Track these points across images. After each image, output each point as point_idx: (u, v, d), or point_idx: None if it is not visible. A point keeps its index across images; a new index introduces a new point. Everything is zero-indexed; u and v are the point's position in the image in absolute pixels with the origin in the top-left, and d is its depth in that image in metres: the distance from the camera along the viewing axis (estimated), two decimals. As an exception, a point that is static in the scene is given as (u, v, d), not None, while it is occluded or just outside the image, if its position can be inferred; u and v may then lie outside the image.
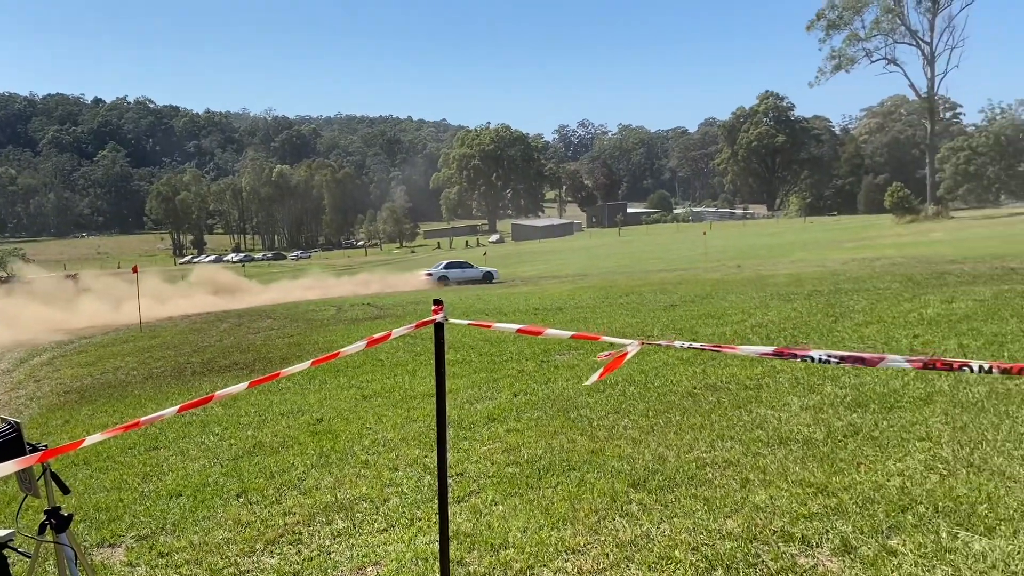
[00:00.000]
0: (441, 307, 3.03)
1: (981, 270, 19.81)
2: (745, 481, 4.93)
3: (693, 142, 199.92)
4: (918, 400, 6.47)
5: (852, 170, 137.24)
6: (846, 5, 78.31)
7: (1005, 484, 4.42)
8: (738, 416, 6.57)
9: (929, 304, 12.60)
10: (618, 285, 27.47)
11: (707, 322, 13.42)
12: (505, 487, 5.35)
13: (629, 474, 5.29)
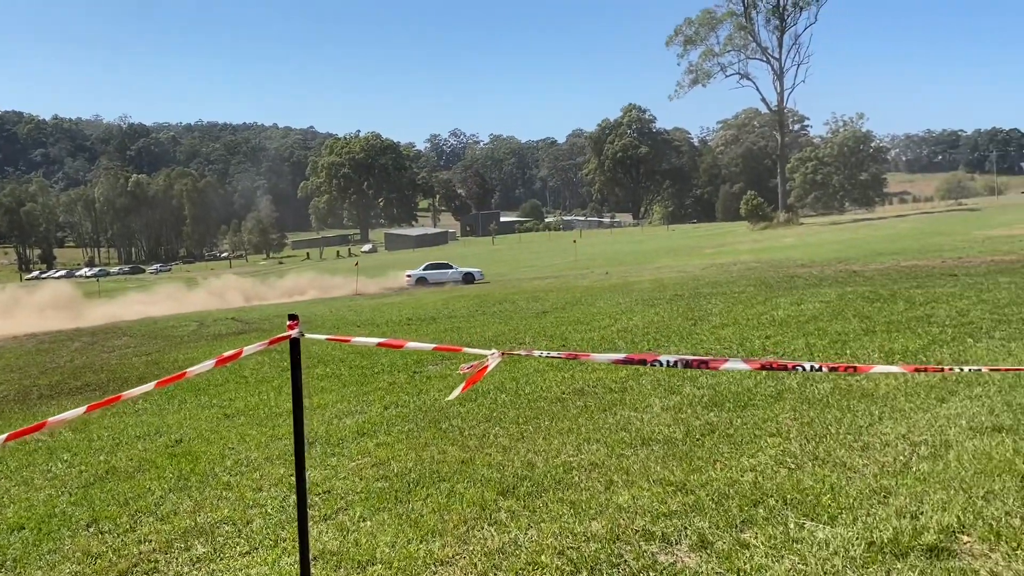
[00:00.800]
0: (296, 322, 2.96)
1: (827, 273, 21.18)
2: (610, 483, 5.05)
3: (562, 152, 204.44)
4: (769, 398, 6.84)
5: (710, 180, 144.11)
6: (702, 22, 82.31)
7: (846, 475, 4.73)
8: (604, 419, 6.74)
9: (780, 306, 13.35)
10: (491, 293, 27.67)
11: (577, 328, 13.72)
12: (374, 502, 5.26)
13: (499, 482, 5.32)
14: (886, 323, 10.40)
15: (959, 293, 12.72)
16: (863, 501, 4.28)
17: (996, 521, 3.83)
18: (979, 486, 4.28)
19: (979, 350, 8.13)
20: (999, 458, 4.67)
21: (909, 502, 4.18)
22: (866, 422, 5.79)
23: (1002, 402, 5.88)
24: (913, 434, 5.35)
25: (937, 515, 3.96)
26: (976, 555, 3.55)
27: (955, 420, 5.57)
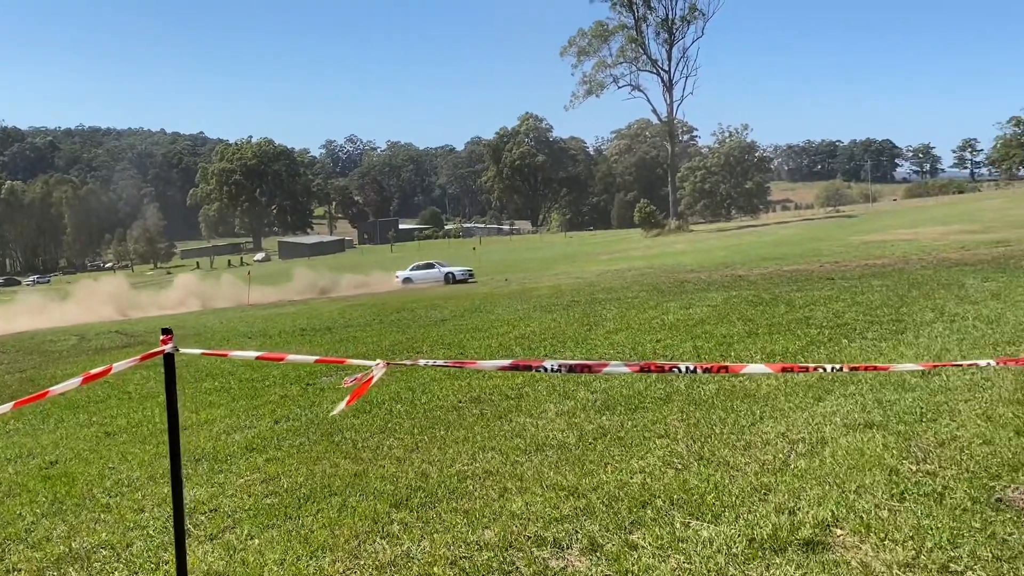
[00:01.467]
0: (170, 337, 2.84)
1: (715, 278, 21.94)
2: (504, 490, 5.07)
3: (461, 160, 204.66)
4: (659, 400, 7.02)
5: (606, 188, 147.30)
6: (594, 34, 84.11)
7: (730, 473, 4.89)
8: (499, 426, 6.76)
9: (670, 311, 13.74)
10: (389, 302, 27.39)
11: (475, 335, 13.73)
12: (263, 519, 5.10)
13: (392, 494, 5.26)
14: (768, 325, 10.84)
15: (836, 296, 13.39)
16: (745, 499, 4.43)
17: (867, 514, 4.04)
18: (852, 480, 4.51)
19: (853, 350, 8.58)
20: (870, 453, 4.93)
21: (787, 498, 4.35)
22: (748, 421, 6.01)
23: (873, 400, 6.21)
24: (792, 432, 5.59)
25: (813, 510, 4.14)
26: (848, 547, 3.73)
27: (830, 418, 5.85)
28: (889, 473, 4.56)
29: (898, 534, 3.76)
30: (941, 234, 33.73)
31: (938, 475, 4.45)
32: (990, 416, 5.44)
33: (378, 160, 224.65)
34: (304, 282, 43.39)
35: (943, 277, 15.11)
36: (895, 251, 26.45)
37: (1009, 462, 4.53)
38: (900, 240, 32.62)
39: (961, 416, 5.52)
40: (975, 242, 26.51)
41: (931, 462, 4.67)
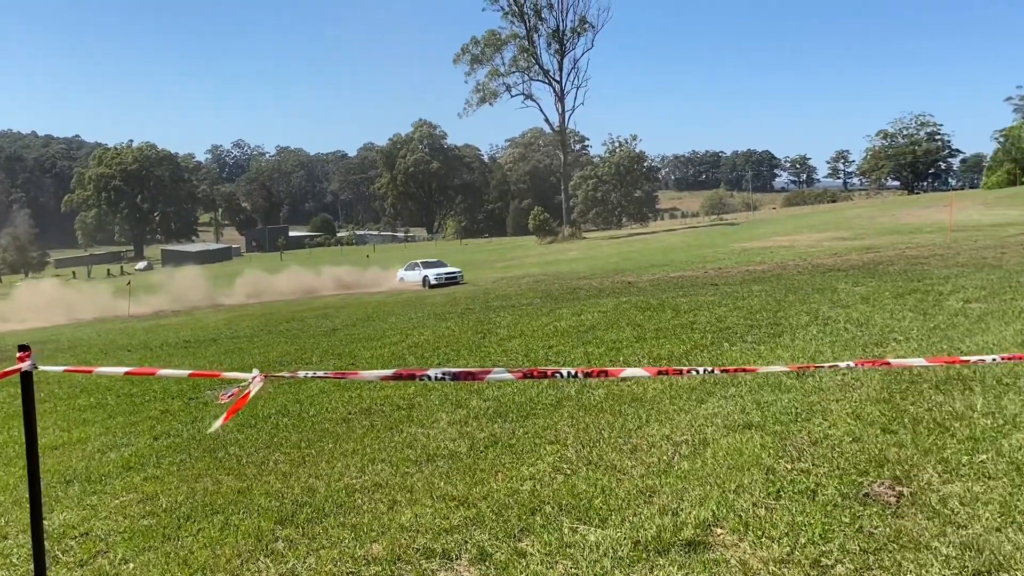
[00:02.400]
0: (28, 354, 2.66)
1: (606, 284, 22.39)
2: (393, 502, 4.99)
3: (353, 166, 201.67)
4: (549, 406, 7.08)
5: (500, 195, 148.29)
6: (487, 42, 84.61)
7: (616, 477, 4.98)
8: (390, 437, 6.67)
9: (563, 317, 13.92)
10: (279, 311, 26.69)
11: (367, 345, 13.53)
12: (139, 542, 4.86)
13: (277, 510, 5.10)
14: (655, 330, 11.13)
15: (718, 301, 13.88)
16: (631, 502, 4.52)
17: (745, 512, 4.18)
18: (731, 480, 4.66)
19: (734, 353, 8.90)
20: (749, 453, 5.12)
21: (671, 499, 4.46)
22: (635, 425, 6.14)
23: (752, 401, 6.45)
24: (676, 434, 5.74)
25: (695, 510, 4.25)
26: (728, 546, 3.85)
27: (712, 419, 6.04)
28: (766, 472, 4.74)
29: (774, 531, 3.91)
30: (816, 241, 35.50)
31: (811, 473, 4.66)
32: (859, 415, 5.73)
33: (267, 165, 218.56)
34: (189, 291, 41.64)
35: (817, 282, 15.90)
36: (774, 257, 27.66)
37: (876, 458, 4.78)
38: (778, 247, 34.15)
39: (833, 415, 5.80)
40: (846, 248, 28.03)
41: (805, 460, 4.89)
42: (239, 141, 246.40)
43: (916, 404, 5.82)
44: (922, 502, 4.07)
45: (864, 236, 34.41)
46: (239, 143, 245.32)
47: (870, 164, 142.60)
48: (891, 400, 6.00)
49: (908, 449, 4.86)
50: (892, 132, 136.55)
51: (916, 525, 3.82)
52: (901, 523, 3.86)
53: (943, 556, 3.49)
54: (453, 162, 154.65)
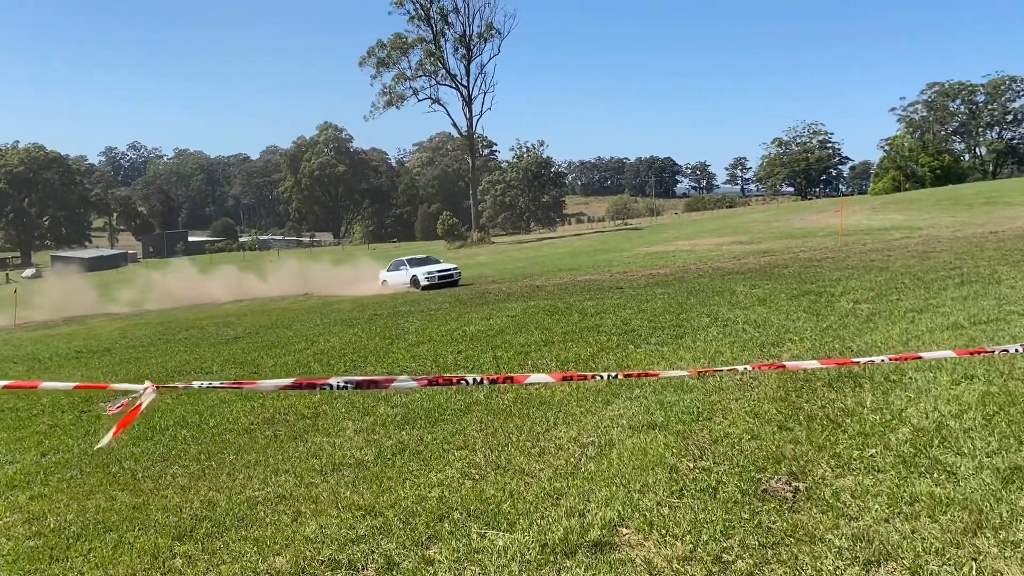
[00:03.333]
0: None
1: (514, 288, 22.50)
2: (297, 514, 4.87)
3: (256, 169, 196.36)
4: (458, 411, 7.05)
5: (409, 200, 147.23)
6: (393, 46, 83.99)
7: (525, 480, 4.99)
8: (294, 447, 6.52)
9: (472, 321, 13.91)
10: (178, 319, 25.76)
11: (271, 353, 13.19)
12: (24, 564, 4.59)
13: (175, 526, 4.90)
14: (563, 334, 11.25)
15: (624, 304, 14.14)
16: (538, 505, 4.53)
17: (649, 511, 4.26)
18: (637, 480, 4.74)
19: (638, 355, 9.07)
20: (653, 453, 5.21)
21: (578, 501, 4.50)
22: (543, 428, 6.18)
23: (656, 401, 6.58)
24: (583, 436, 5.80)
25: (601, 511, 4.30)
26: (633, 545, 3.91)
27: (618, 420, 6.13)
28: (670, 471, 4.83)
29: (677, 529, 3.99)
30: (716, 245, 36.63)
31: (713, 471, 4.78)
32: (757, 413, 5.92)
33: (165, 169, 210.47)
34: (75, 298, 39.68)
35: (717, 285, 16.39)
36: (676, 261, 28.39)
37: (773, 455, 4.94)
38: (680, 251, 35.07)
39: (732, 414, 5.97)
40: (745, 252, 29.01)
41: (707, 459, 5.01)
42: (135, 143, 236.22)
43: (810, 402, 6.06)
44: (816, 496, 4.23)
45: (761, 240, 35.69)
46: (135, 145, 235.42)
47: (766, 171, 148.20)
48: (787, 398, 6.22)
49: (803, 445, 5.05)
50: (786, 140, 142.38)
51: (811, 519, 3.97)
52: (797, 517, 4.00)
53: (836, 548, 3.63)
54: (360, 166, 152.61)
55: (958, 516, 3.80)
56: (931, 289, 11.86)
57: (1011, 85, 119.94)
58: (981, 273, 13.16)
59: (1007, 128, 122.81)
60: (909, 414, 5.44)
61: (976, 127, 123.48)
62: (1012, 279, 11.94)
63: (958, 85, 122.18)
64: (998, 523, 3.69)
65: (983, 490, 4.06)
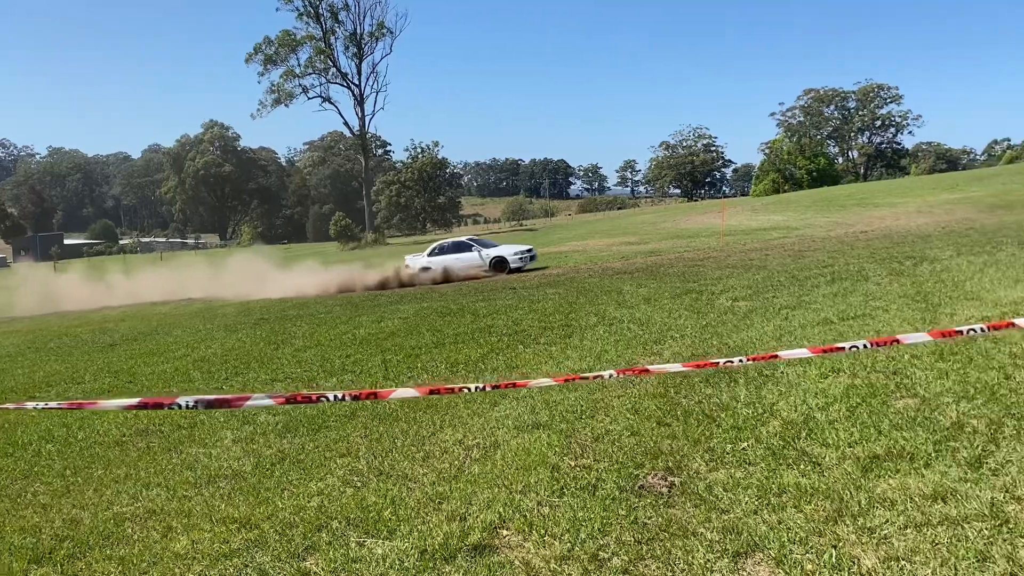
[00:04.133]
0: None
1: (407, 290, 22.31)
2: (168, 529, 4.65)
3: (137, 169, 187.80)
4: (343, 417, 6.91)
5: (300, 200, 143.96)
6: (281, 43, 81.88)
7: (407, 486, 4.93)
8: (168, 459, 6.23)
9: (362, 325, 13.70)
10: (49, 327, 24.28)
11: (149, 360, 12.60)
12: None
13: (33, 548, 4.60)
14: (454, 335, 11.21)
15: (515, 305, 14.23)
16: (420, 510, 4.48)
17: (530, 512, 4.27)
18: (518, 481, 4.75)
19: (527, 355, 9.13)
20: (536, 453, 5.24)
21: (460, 505, 4.48)
22: (429, 431, 6.12)
23: (542, 401, 6.63)
24: (468, 438, 5.79)
25: (483, 514, 4.29)
26: (513, 547, 3.91)
27: (503, 421, 6.14)
28: (552, 470, 4.87)
29: (556, 529, 4.02)
30: (607, 245, 37.34)
31: (593, 468, 4.84)
32: (638, 409, 6.05)
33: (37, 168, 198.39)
34: None
35: (606, 284, 16.71)
36: (568, 261, 28.76)
37: (651, 450, 5.05)
38: (573, 251, 35.56)
39: (614, 411, 6.08)
40: (633, 252, 29.68)
41: (588, 457, 5.08)
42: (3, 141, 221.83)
43: (688, 397, 6.24)
44: (691, 490, 4.35)
45: (649, 240, 36.60)
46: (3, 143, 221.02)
47: (654, 173, 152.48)
48: (666, 394, 6.38)
49: (680, 440, 5.19)
50: (673, 143, 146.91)
51: (685, 513, 4.07)
52: (672, 512, 4.09)
53: (707, 541, 3.74)
54: (248, 165, 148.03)
55: (821, 505, 3.98)
56: (804, 286, 12.45)
57: (879, 92, 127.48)
58: (850, 271, 13.90)
59: (876, 133, 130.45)
60: (780, 407, 5.68)
61: (848, 132, 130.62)
62: (878, 276, 12.66)
63: (832, 92, 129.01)
64: (857, 510, 3.88)
65: (845, 479, 4.26)
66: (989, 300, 9.19)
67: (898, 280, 11.84)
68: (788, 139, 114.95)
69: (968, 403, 5.30)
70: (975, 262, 12.74)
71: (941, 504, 3.84)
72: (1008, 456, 4.34)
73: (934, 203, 35.65)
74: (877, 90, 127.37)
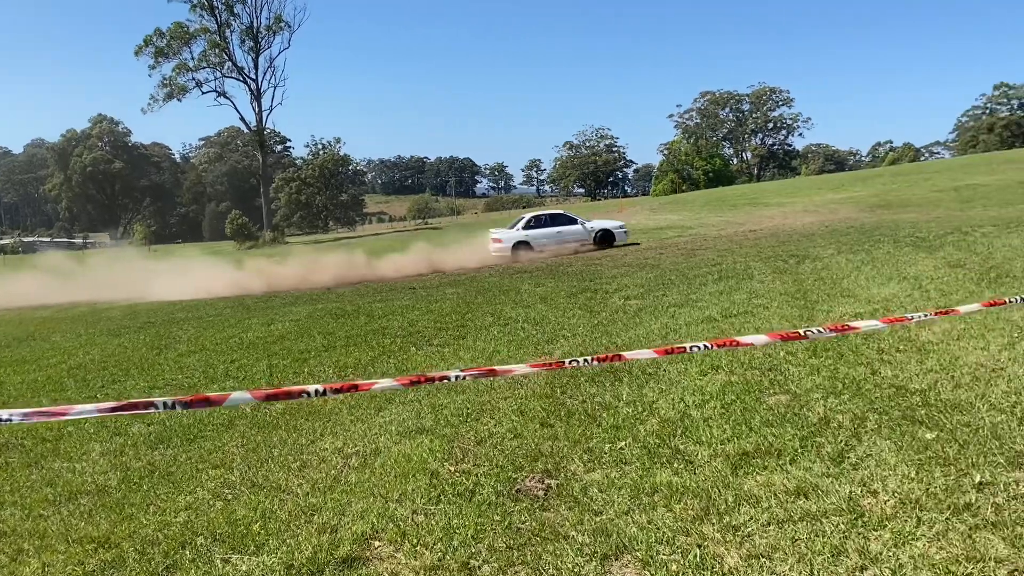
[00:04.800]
0: None
1: (303, 290, 21.80)
2: (18, 552, 4.36)
3: (19, 165, 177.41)
4: (220, 426, 6.65)
5: (195, 198, 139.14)
6: (174, 35, 78.82)
7: (280, 498, 4.76)
8: (26, 476, 5.85)
9: (251, 328, 13.28)
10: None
11: (19, 368, 11.86)
12: None
13: None
14: (346, 338, 10.99)
15: (412, 305, 14.08)
16: (291, 523, 4.34)
17: (404, 521, 4.19)
18: (396, 489, 4.66)
19: (419, 357, 9.02)
20: (417, 459, 5.16)
21: (332, 516, 4.35)
22: (309, 440, 5.95)
23: (428, 405, 6.55)
24: (348, 446, 5.65)
25: (355, 525, 4.18)
26: (384, 558, 3.82)
27: (387, 427, 6.03)
28: (431, 477, 4.80)
29: (429, 537, 3.95)
30: (510, 244, 37.47)
31: (472, 473, 4.79)
32: (523, 411, 6.04)
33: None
34: None
35: (505, 284, 16.74)
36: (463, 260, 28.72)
37: (532, 452, 5.05)
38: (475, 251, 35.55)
39: (499, 413, 6.06)
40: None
41: (468, 461, 5.03)
42: None
43: (573, 397, 6.27)
44: (566, 492, 4.35)
45: (552, 239, 36.94)
46: None
47: (558, 173, 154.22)
48: (552, 395, 6.40)
49: (560, 441, 5.20)
50: (576, 144, 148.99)
51: (558, 516, 4.07)
52: (546, 515, 4.09)
53: (578, 544, 3.74)
54: (139, 161, 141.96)
55: (690, 504, 4.04)
56: (693, 285, 12.76)
57: (771, 96, 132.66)
58: (737, 269, 14.34)
59: (768, 135, 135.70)
60: (659, 405, 5.77)
61: (742, 133, 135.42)
62: (763, 274, 13.10)
63: (727, 94, 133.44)
64: (723, 508, 3.95)
65: (714, 477, 4.35)
66: (863, 297, 9.61)
67: (781, 278, 12.28)
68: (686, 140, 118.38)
69: (836, 398, 5.51)
70: (853, 260, 13.33)
71: (803, 500, 3.96)
72: (868, 450, 4.52)
73: (820, 203, 37.27)
74: (769, 93, 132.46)
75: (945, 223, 18.90)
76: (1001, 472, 4.05)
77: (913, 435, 4.65)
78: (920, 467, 4.19)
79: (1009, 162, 48.50)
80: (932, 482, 4.00)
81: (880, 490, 3.97)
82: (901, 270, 11.35)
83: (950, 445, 4.44)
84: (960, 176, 41.70)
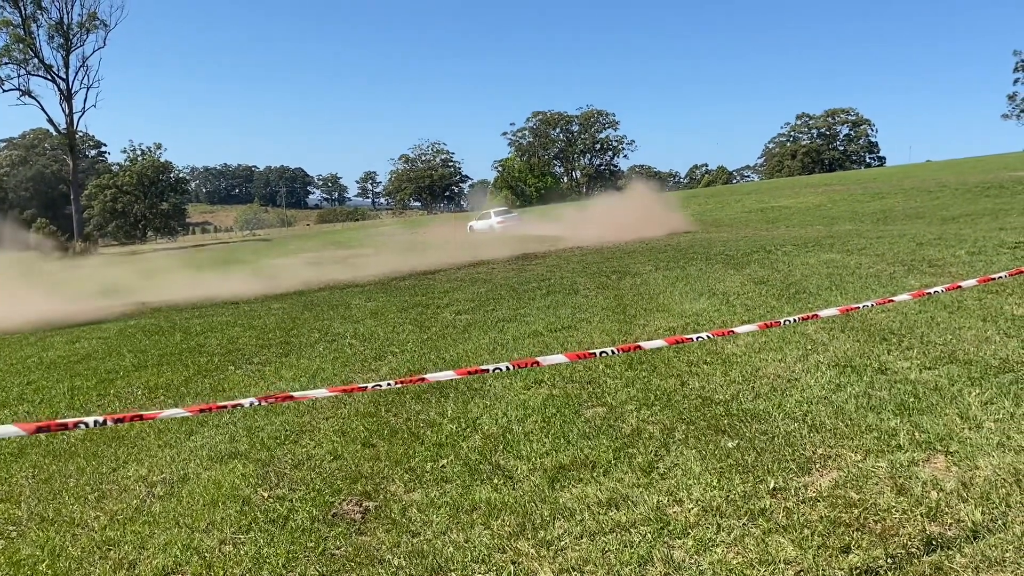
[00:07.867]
0: None
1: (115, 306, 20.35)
2: None
3: None
4: (10, 456, 6.06)
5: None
6: (-30, 25, 71.83)
7: (73, 532, 4.39)
8: None
9: (53, 346, 12.24)
10: None
11: None
12: None
13: None
14: (159, 356, 10.35)
15: (234, 321, 13.47)
16: (84, 560, 4.00)
17: (210, 552, 3.96)
18: (203, 519, 4.40)
19: (237, 377, 8.62)
20: (228, 485, 4.91)
21: (131, 551, 4.06)
22: (111, 467, 5.54)
23: (244, 428, 6.26)
24: (153, 473, 5.30)
25: (156, 559, 3.92)
26: (185, 593, 3.59)
27: (198, 452, 5.71)
28: (242, 504, 4.58)
29: (237, 569, 3.76)
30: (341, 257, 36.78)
31: (287, 499, 4.62)
32: (345, 431, 5.90)
33: None
34: None
35: (335, 298, 16.38)
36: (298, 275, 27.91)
37: (352, 474, 4.93)
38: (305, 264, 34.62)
39: (320, 434, 5.88)
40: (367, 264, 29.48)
41: (283, 486, 4.84)
42: None
43: (397, 415, 6.20)
44: (384, 515, 4.28)
45: (385, 252, 36.61)
46: None
47: (394, 185, 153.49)
48: (376, 413, 6.30)
49: (382, 461, 5.11)
50: (412, 157, 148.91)
51: (376, 539, 3.99)
52: (362, 539, 3.99)
53: (394, 568, 3.68)
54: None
55: (508, 520, 4.08)
56: (522, 299, 13.01)
57: (599, 117, 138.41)
58: (564, 284, 14.77)
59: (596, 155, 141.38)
60: (482, 421, 5.81)
61: (572, 153, 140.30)
62: (587, 289, 13.55)
63: (557, 115, 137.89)
64: (539, 523, 4.02)
65: (532, 492, 4.42)
66: (676, 312, 10.14)
67: (603, 293, 12.75)
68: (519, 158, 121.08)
69: (648, 410, 5.76)
70: (669, 276, 14.06)
71: (614, 511, 4.09)
72: (675, 460, 4.75)
73: (643, 221, 39.12)
74: (597, 115, 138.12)
75: (752, 242, 20.33)
76: (792, 477, 4.37)
77: (717, 444, 4.93)
78: (721, 475, 4.45)
79: (809, 186, 53.10)
80: (732, 489, 4.25)
81: (685, 498, 4.17)
82: (712, 286, 12.09)
83: (748, 453, 4.74)
84: (767, 198, 45.19)
